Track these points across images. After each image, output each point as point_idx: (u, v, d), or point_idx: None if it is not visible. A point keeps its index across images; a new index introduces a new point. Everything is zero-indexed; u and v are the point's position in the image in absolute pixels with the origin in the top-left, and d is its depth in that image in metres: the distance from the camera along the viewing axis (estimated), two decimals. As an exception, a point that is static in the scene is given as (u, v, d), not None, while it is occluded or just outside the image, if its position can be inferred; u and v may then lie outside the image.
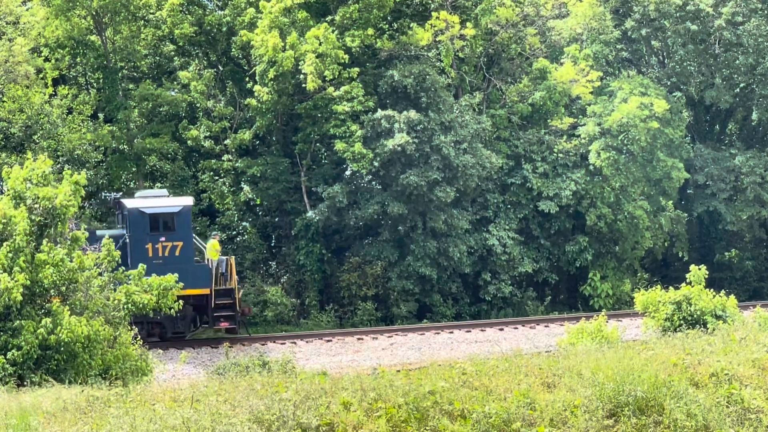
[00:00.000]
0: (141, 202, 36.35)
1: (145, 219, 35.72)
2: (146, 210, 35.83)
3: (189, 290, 35.44)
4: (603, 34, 50.83)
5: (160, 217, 35.82)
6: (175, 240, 35.79)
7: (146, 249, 35.59)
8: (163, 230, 35.79)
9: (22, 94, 43.39)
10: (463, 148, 45.56)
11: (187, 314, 36.17)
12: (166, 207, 36.10)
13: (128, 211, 35.96)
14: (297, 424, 17.58)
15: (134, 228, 35.72)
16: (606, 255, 49.33)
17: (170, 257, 35.71)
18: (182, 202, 36.74)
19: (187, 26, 46.43)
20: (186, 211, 36.23)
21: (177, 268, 34.99)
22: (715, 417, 19.74)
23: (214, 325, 36.68)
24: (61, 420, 17.70)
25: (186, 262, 35.77)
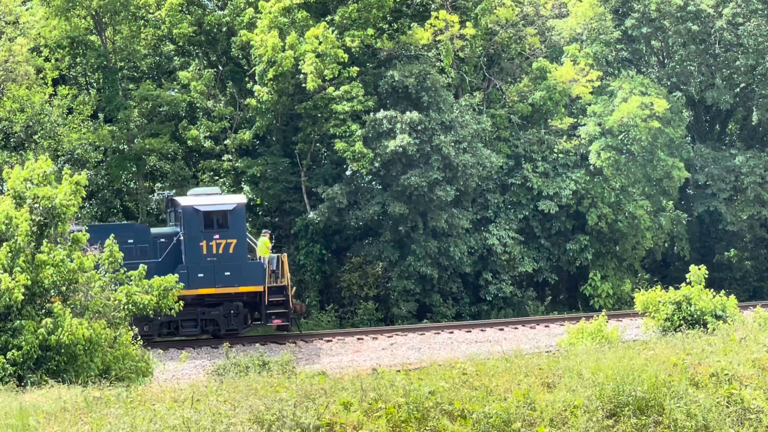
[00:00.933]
0: (195, 200, 36.72)
1: (199, 217, 36.14)
2: (201, 208, 36.27)
3: (242, 287, 36.33)
4: (603, 34, 50.82)
5: (214, 214, 36.26)
6: (229, 237, 36.23)
7: (200, 246, 36.08)
8: (217, 228, 36.25)
9: (22, 94, 43.41)
10: (463, 148, 45.56)
11: (240, 311, 36.64)
12: (221, 205, 36.49)
13: (182, 209, 36.34)
14: (297, 425, 17.58)
15: (188, 226, 36.12)
16: (606, 255, 49.33)
17: (224, 254, 36.19)
18: (236, 200, 37.18)
19: (186, 26, 46.43)
20: (240, 209, 36.66)
21: (231, 266, 36.04)
22: (715, 417, 19.74)
23: (267, 322, 37.03)
24: (61, 420, 17.70)
25: (240, 260, 36.31)
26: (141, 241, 36.10)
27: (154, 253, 36.19)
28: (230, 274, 36.21)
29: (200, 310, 36.50)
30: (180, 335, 36.73)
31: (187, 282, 35.36)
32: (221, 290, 36.33)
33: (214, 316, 36.48)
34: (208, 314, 36.53)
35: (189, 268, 35.95)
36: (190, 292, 35.65)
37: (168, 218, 38.98)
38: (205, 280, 36.08)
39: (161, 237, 36.68)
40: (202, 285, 36.10)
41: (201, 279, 36.02)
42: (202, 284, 36.09)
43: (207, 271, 36.06)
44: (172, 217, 37.97)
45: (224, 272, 36.18)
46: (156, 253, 36.19)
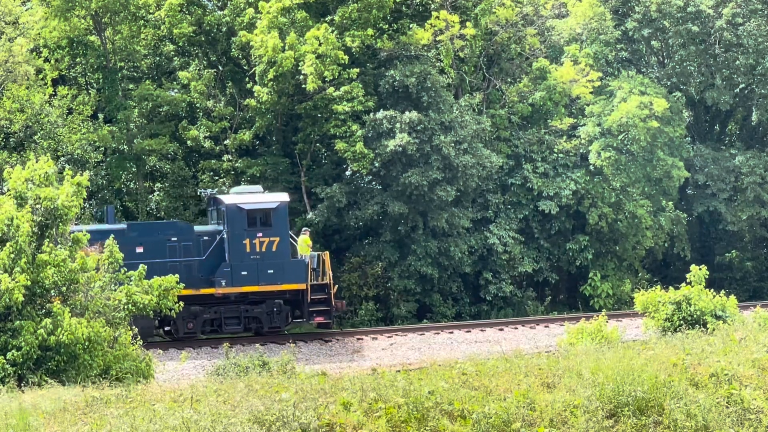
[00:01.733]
0: (238, 198, 37.03)
1: (242, 215, 36.53)
2: (244, 206, 36.61)
3: (286, 285, 36.70)
4: (603, 34, 50.82)
5: (258, 213, 36.66)
6: (272, 236, 36.63)
7: (244, 245, 36.46)
8: (261, 226, 36.59)
9: (22, 94, 43.41)
10: (463, 148, 45.56)
11: (283, 309, 37.01)
12: (264, 203, 36.93)
13: (226, 207, 36.65)
14: (297, 425, 17.59)
15: (232, 224, 36.47)
16: (606, 255, 49.33)
17: (267, 252, 36.55)
18: (279, 199, 37.58)
19: (186, 26, 46.40)
20: (283, 208, 37.07)
21: (274, 264, 36.48)
22: (715, 417, 19.75)
23: (309, 320, 37.30)
24: (61, 420, 17.70)
25: (282, 258, 36.72)
26: (184, 239, 36.55)
27: (198, 250, 36.59)
28: (273, 272, 36.67)
29: (243, 308, 36.95)
30: (223, 333, 37.08)
31: (230, 280, 36.22)
32: (264, 288, 36.74)
33: (256, 313, 36.94)
34: (251, 312, 36.93)
35: (232, 266, 36.38)
36: (234, 289, 36.35)
37: (209, 216, 39.30)
38: (249, 278, 36.49)
39: (204, 235, 37.03)
40: (245, 283, 36.52)
41: (244, 277, 36.47)
42: (245, 282, 36.51)
43: (250, 269, 36.47)
44: (214, 215, 38.33)
45: (267, 270, 36.60)
46: (200, 251, 36.59)
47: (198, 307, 36.54)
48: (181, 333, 36.57)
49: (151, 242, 36.16)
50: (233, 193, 37.86)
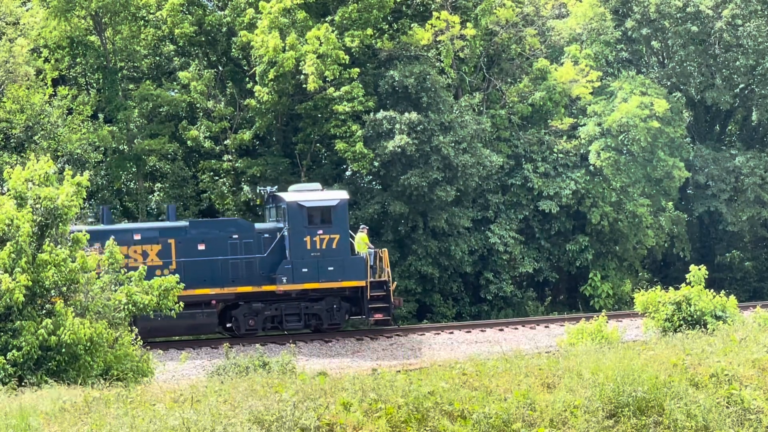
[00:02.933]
0: (299, 195, 37.33)
1: (303, 212, 36.84)
2: (305, 203, 36.92)
3: (346, 282, 37.12)
4: (603, 34, 50.82)
5: (318, 210, 37.02)
6: (332, 233, 37.00)
7: (304, 242, 36.79)
8: (321, 223, 36.95)
9: (23, 95, 43.41)
10: (463, 148, 45.56)
11: (342, 306, 37.42)
12: (324, 201, 37.30)
13: (287, 204, 37.00)
14: (297, 425, 17.58)
15: (293, 221, 36.82)
16: (606, 255, 49.34)
17: (327, 250, 36.91)
18: (339, 196, 37.99)
19: (187, 26, 46.40)
20: (343, 205, 37.45)
21: (334, 261, 36.94)
22: (715, 417, 19.75)
23: (369, 316, 37.63)
24: (61, 420, 17.70)
25: (343, 255, 37.09)
26: (245, 237, 36.89)
27: (258, 248, 36.88)
28: (333, 269, 37.01)
29: (304, 305, 37.32)
30: (284, 329, 37.48)
31: (291, 277, 36.60)
32: (325, 285, 37.05)
33: (316, 310, 37.32)
34: (311, 309, 37.29)
35: (293, 263, 36.70)
36: (295, 286, 36.70)
37: (267, 214, 39.60)
38: (309, 275, 36.80)
39: (265, 232, 37.33)
40: (306, 280, 36.81)
41: (305, 274, 36.77)
42: (306, 279, 36.81)
43: (311, 266, 36.80)
44: (273, 212, 38.62)
45: (328, 267, 36.94)
46: (260, 248, 36.90)
47: (259, 304, 37.04)
48: (243, 330, 37.02)
49: (213, 239, 36.67)
50: (292, 191, 38.14)
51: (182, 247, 36.32)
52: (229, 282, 36.56)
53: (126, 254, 35.55)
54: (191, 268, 36.04)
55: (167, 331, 35.98)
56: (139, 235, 36.24)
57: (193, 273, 35.86)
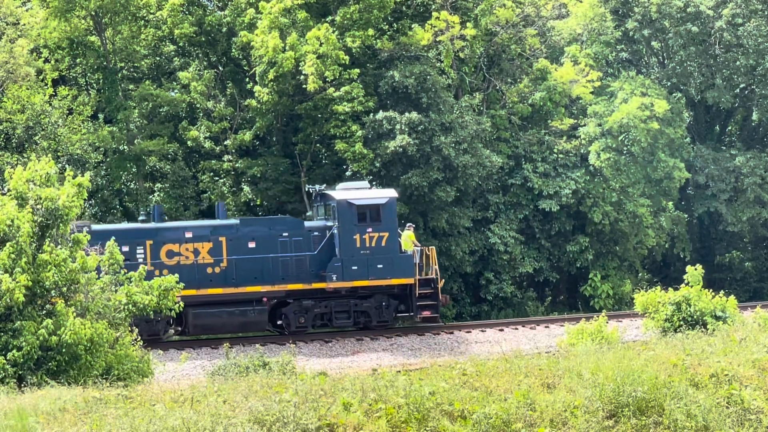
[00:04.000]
0: (348, 194, 37.67)
1: (352, 210, 37.26)
2: (354, 202, 37.32)
3: (395, 279, 37.50)
4: (603, 34, 50.83)
5: (368, 208, 37.41)
6: (381, 231, 37.42)
7: (354, 240, 37.24)
8: (370, 221, 37.33)
9: (23, 95, 43.42)
10: (463, 149, 45.57)
11: (391, 303, 37.83)
12: (373, 199, 37.76)
13: (336, 202, 37.38)
14: (297, 425, 17.59)
15: (342, 219, 37.24)
16: (607, 255, 49.34)
17: (377, 248, 37.35)
18: (388, 194, 38.40)
19: (187, 26, 46.41)
20: (392, 203, 37.88)
21: (383, 259, 37.40)
22: (715, 418, 19.75)
23: (417, 314, 37.95)
24: (61, 421, 17.70)
25: (392, 253, 37.50)
26: (295, 235, 37.26)
27: (308, 245, 37.23)
28: (383, 266, 37.41)
29: (353, 302, 37.69)
30: (333, 327, 37.84)
31: (341, 274, 36.97)
32: (374, 282, 37.46)
33: (365, 307, 37.72)
34: (360, 306, 37.69)
35: (343, 260, 37.07)
36: (345, 284, 37.09)
37: (315, 212, 39.81)
38: (359, 273, 37.20)
39: (315, 230, 37.65)
40: (355, 277, 37.20)
41: (355, 271, 37.16)
42: (355, 276, 37.20)
43: (360, 264, 37.21)
44: (321, 210, 38.92)
45: (377, 265, 37.33)
46: (310, 246, 37.24)
47: (309, 301, 37.38)
48: (293, 327, 37.38)
49: (263, 237, 37.00)
50: (341, 189, 38.45)
51: (233, 244, 36.73)
52: (279, 279, 36.91)
53: (178, 252, 36.04)
54: (242, 265, 36.58)
55: (219, 329, 36.72)
56: (190, 233, 36.63)
57: (244, 270, 36.49)
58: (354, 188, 38.39)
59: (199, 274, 36.25)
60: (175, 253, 36.25)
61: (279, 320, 37.66)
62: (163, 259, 36.03)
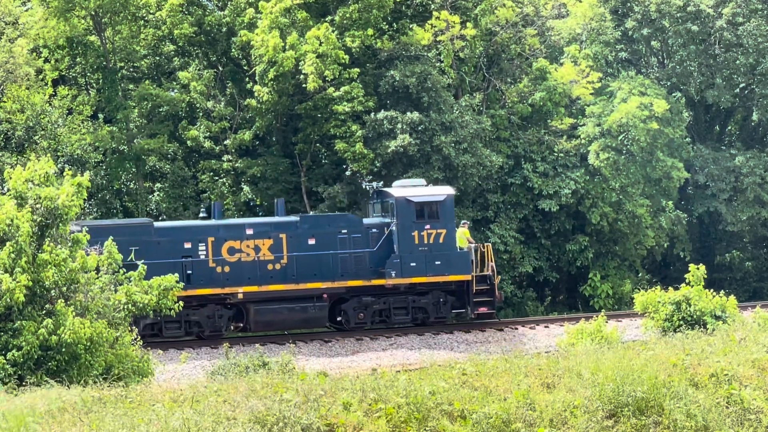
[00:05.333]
0: (407, 191, 37.96)
1: (411, 207, 37.53)
2: (413, 199, 37.59)
3: (452, 276, 37.80)
4: (603, 34, 50.82)
5: (426, 205, 37.74)
6: (439, 228, 37.72)
7: (412, 236, 37.51)
8: (428, 218, 37.63)
9: (23, 95, 43.41)
10: (463, 148, 45.58)
11: (448, 300, 38.04)
12: (432, 196, 38.06)
13: (395, 200, 37.66)
14: (298, 425, 17.59)
15: (401, 216, 37.52)
16: (606, 255, 49.33)
17: (434, 244, 37.59)
18: (446, 191, 38.75)
19: (186, 26, 46.41)
20: (449, 200, 38.27)
21: (441, 255, 37.71)
22: (714, 417, 19.76)
23: (473, 310, 38.16)
24: (60, 421, 17.70)
25: (449, 249, 37.78)
26: (354, 232, 37.58)
27: (367, 242, 37.54)
28: (440, 263, 37.67)
29: (411, 299, 37.90)
30: (391, 323, 38.04)
31: (400, 271, 37.28)
32: (432, 279, 37.72)
33: (423, 304, 37.92)
34: (418, 302, 37.90)
35: (402, 257, 37.33)
36: (403, 280, 37.39)
37: (371, 209, 39.99)
38: (417, 269, 37.47)
39: (373, 227, 37.93)
40: (414, 274, 37.47)
41: (413, 268, 37.43)
42: (414, 273, 37.46)
43: (419, 261, 37.44)
44: (378, 208, 39.13)
45: (435, 261, 37.60)
46: (369, 243, 37.52)
47: (369, 297, 37.62)
48: (352, 323, 37.68)
49: (323, 234, 37.30)
50: (398, 186, 38.73)
51: (293, 241, 37.00)
52: (338, 276, 37.15)
53: (239, 248, 36.28)
54: (302, 262, 36.87)
55: (279, 325, 37.23)
56: (251, 230, 36.91)
57: (304, 267, 36.79)
58: (411, 185, 38.72)
59: (260, 270, 36.61)
60: (236, 250, 36.57)
61: (338, 317, 37.98)
62: (225, 255, 36.37)
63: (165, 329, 36.06)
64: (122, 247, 34.59)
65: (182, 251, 36.06)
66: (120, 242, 34.88)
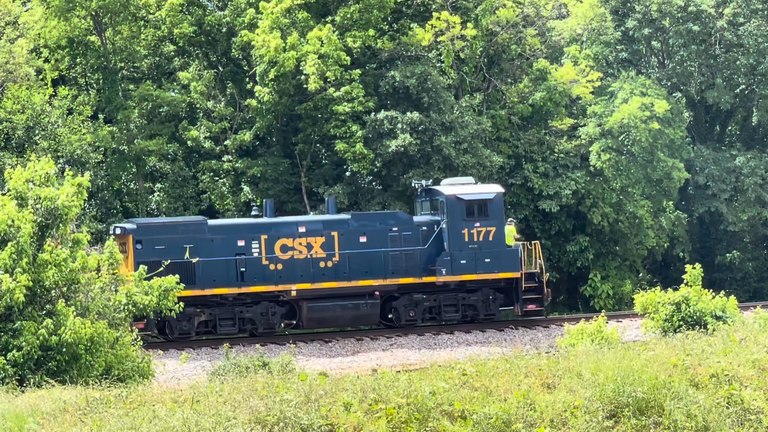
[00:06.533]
0: (457, 189, 38.30)
1: (461, 205, 37.92)
2: (463, 197, 37.96)
3: (502, 273, 38.22)
4: (603, 34, 50.81)
5: (476, 203, 38.11)
6: (489, 225, 38.11)
7: (462, 234, 37.86)
8: (478, 216, 37.92)
9: (23, 95, 43.40)
10: (463, 149, 45.59)
11: (497, 297, 38.38)
12: (481, 194, 38.41)
13: (445, 198, 38.03)
14: (298, 426, 17.59)
15: (451, 214, 37.89)
16: (607, 255, 49.34)
17: (484, 242, 37.95)
18: (495, 189, 39.14)
19: (187, 26, 46.41)
20: (499, 198, 38.64)
21: (490, 253, 38.12)
22: (715, 418, 19.76)
23: (523, 307, 38.50)
24: (61, 421, 17.70)
25: (499, 247, 38.20)
26: (405, 230, 37.92)
27: (417, 240, 37.86)
28: (490, 260, 38.05)
29: (461, 296, 38.22)
30: (442, 320, 38.36)
31: (450, 268, 37.57)
32: (482, 276, 38.05)
33: (473, 301, 38.26)
34: (468, 299, 38.21)
35: (452, 255, 37.66)
36: (454, 278, 37.73)
37: (419, 207, 40.14)
38: (467, 267, 37.77)
39: (423, 225, 38.21)
40: (464, 271, 37.77)
41: (463, 265, 37.74)
42: (464, 270, 37.76)
43: (469, 258, 37.77)
44: (427, 206, 39.40)
45: (485, 259, 37.97)
46: (419, 240, 37.82)
47: (420, 295, 37.88)
48: (403, 321, 38.04)
49: (374, 232, 37.66)
50: (447, 184, 38.97)
51: (345, 239, 37.37)
52: (389, 273, 37.47)
53: (291, 246, 36.62)
54: (354, 259, 37.23)
55: (332, 322, 37.66)
56: (304, 228, 37.32)
57: (356, 265, 37.17)
58: (460, 183, 39.00)
59: (313, 267, 36.90)
60: (289, 248, 36.91)
61: (389, 314, 38.24)
62: (278, 253, 36.70)
63: (219, 326, 36.37)
64: (177, 244, 35.44)
65: (236, 249, 36.48)
66: (175, 240, 35.61)
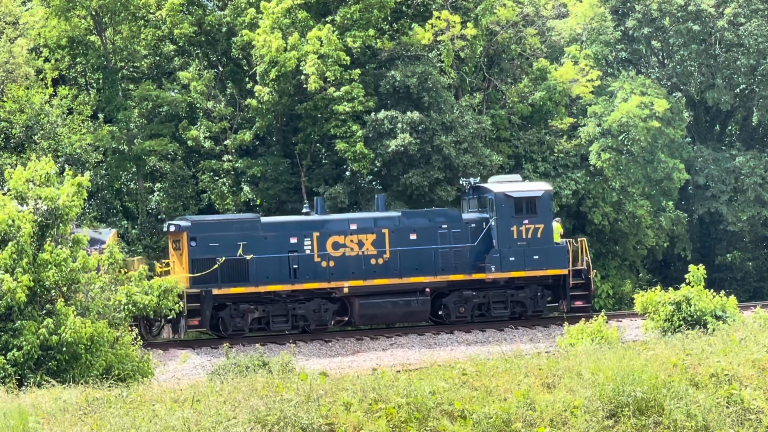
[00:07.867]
0: (505, 186, 38.51)
1: (510, 203, 38.06)
2: (512, 194, 38.10)
3: (550, 270, 38.41)
4: (603, 34, 50.82)
5: (524, 201, 38.26)
6: (537, 223, 38.24)
7: (511, 231, 38.03)
8: (527, 213, 38.10)
9: (23, 95, 43.40)
10: (463, 148, 45.61)
11: (545, 293, 38.60)
12: (530, 191, 38.62)
13: (494, 195, 38.22)
14: (298, 425, 17.59)
15: (500, 211, 38.03)
16: (607, 255, 49.34)
17: (533, 239, 38.15)
18: (543, 187, 39.45)
19: (187, 26, 46.41)
20: (547, 196, 38.73)
21: (539, 250, 38.35)
22: (715, 417, 19.77)
23: (570, 304, 38.69)
24: (61, 420, 17.71)
25: (547, 244, 38.36)
26: (454, 227, 38.03)
27: (466, 237, 37.98)
28: (538, 258, 38.21)
29: (509, 293, 38.38)
30: (491, 317, 38.53)
31: (499, 265, 37.80)
32: (530, 273, 38.25)
33: (521, 298, 38.42)
34: (516, 296, 38.40)
35: (501, 252, 37.84)
36: (503, 274, 37.96)
37: (467, 205, 40.24)
38: (516, 264, 37.97)
39: (472, 222, 38.35)
40: (513, 268, 37.98)
41: (512, 262, 37.93)
42: (513, 267, 37.98)
43: (517, 255, 37.96)
44: (474, 203, 39.51)
45: (533, 256, 38.14)
46: (468, 238, 37.94)
47: (470, 291, 38.04)
48: (453, 317, 38.16)
49: (423, 229, 37.78)
50: (495, 182, 39.18)
51: (395, 236, 37.51)
52: (439, 270, 37.62)
53: (343, 243, 36.89)
54: (404, 257, 37.37)
55: (383, 318, 37.86)
56: (355, 225, 37.46)
57: (406, 262, 37.31)
58: (508, 181, 39.23)
59: (365, 265, 37.12)
60: (340, 245, 37.08)
61: (439, 311, 38.36)
62: (329, 250, 36.85)
63: (272, 323, 36.60)
64: (230, 241, 35.74)
65: (288, 246, 36.64)
66: (228, 237, 35.83)
